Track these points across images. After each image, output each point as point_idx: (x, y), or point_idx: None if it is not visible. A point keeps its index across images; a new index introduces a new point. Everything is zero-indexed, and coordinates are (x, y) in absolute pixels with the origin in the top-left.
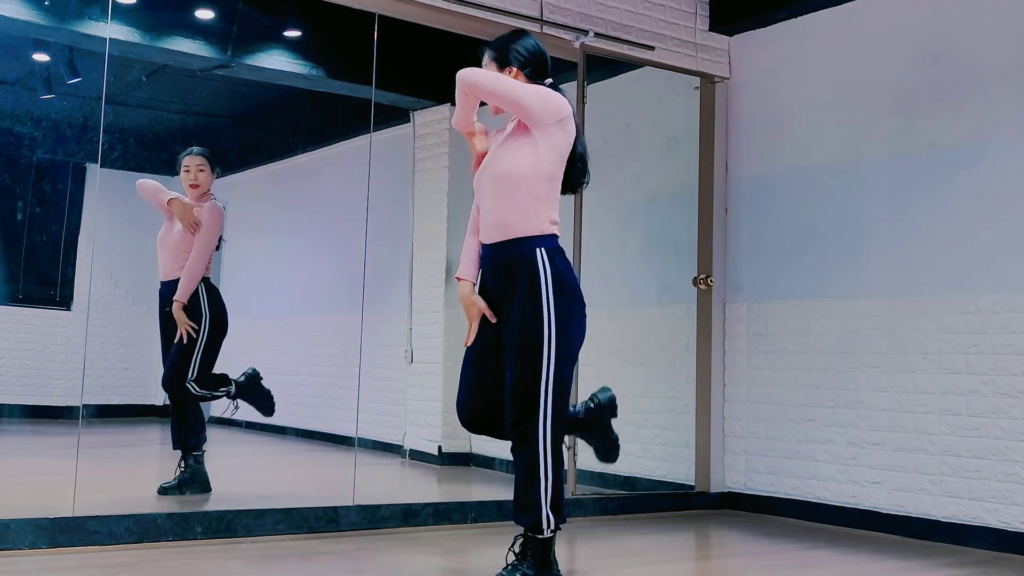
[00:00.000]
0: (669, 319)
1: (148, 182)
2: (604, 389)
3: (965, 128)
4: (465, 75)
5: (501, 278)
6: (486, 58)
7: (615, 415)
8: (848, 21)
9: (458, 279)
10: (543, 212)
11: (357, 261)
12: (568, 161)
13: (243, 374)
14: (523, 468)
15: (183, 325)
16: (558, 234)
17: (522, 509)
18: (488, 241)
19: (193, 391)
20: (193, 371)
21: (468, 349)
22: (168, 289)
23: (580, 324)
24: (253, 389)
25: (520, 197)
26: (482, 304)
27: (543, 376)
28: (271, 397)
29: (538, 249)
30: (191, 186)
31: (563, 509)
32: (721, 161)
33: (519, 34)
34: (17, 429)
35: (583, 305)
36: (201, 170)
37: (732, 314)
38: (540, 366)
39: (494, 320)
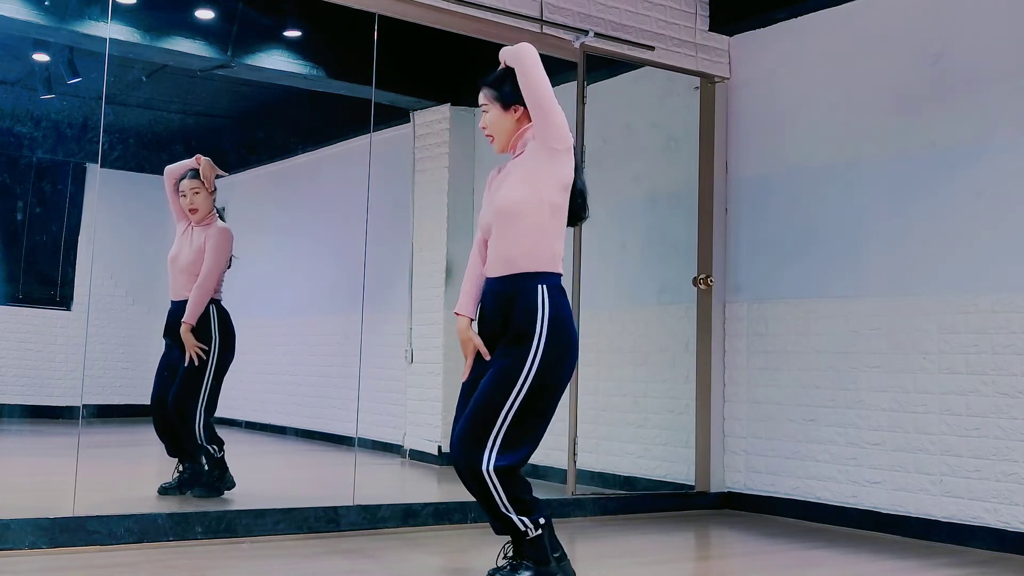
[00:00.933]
0: (669, 319)
1: (173, 165)
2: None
3: (965, 128)
4: (525, 54)
5: (500, 311)
6: (488, 96)
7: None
8: (848, 21)
9: (457, 314)
10: (547, 246)
11: (357, 261)
12: (570, 196)
13: (229, 476)
14: (472, 487)
15: (192, 348)
16: (561, 272)
17: (495, 522)
18: (492, 275)
19: (198, 434)
20: (204, 397)
21: (463, 384)
22: (179, 309)
23: (568, 365)
24: (222, 470)
25: (523, 230)
26: (478, 341)
27: (506, 407)
28: (223, 482)
29: (539, 286)
30: (191, 211)
31: (534, 509)
32: (721, 161)
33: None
34: (17, 429)
35: (575, 346)
36: (196, 192)
37: (732, 314)
38: (507, 397)
39: (488, 358)
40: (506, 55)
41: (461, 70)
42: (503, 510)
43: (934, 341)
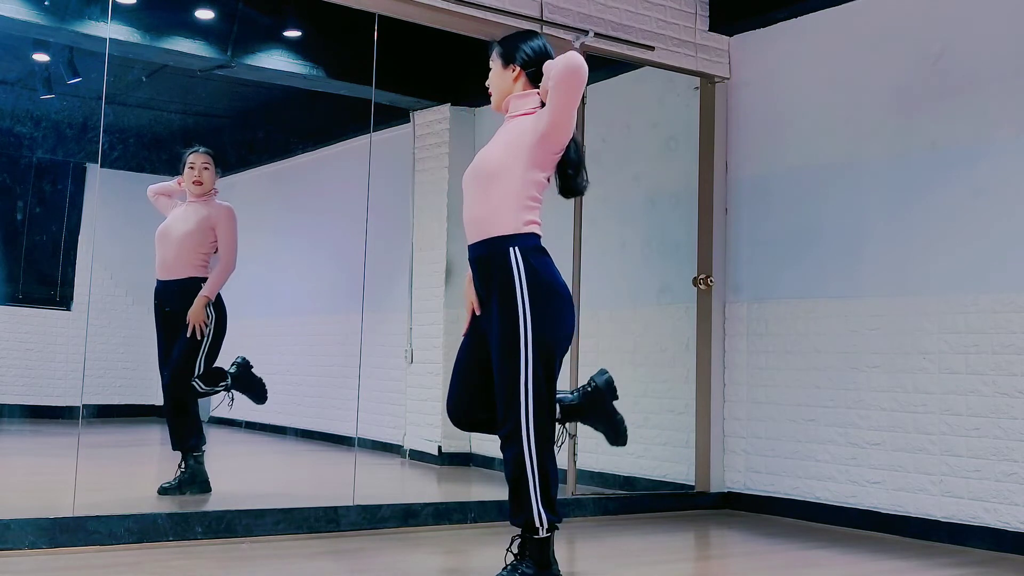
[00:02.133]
0: (669, 319)
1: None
2: (601, 372)
3: (965, 128)
4: (576, 67)
5: (483, 277)
6: (493, 54)
7: (615, 397)
8: (848, 21)
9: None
10: (520, 212)
11: (357, 261)
12: (561, 165)
13: (234, 364)
14: (512, 469)
15: (200, 322)
16: (537, 233)
17: (515, 510)
18: (469, 240)
19: (198, 388)
20: (199, 369)
21: (461, 343)
22: (168, 288)
23: (563, 321)
24: (246, 379)
25: (497, 193)
26: (472, 297)
27: (522, 377)
28: (263, 385)
29: (511, 249)
30: (195, 183)
31: (557, 507)
32: (721, 161)
33: (528, 35)
34: (17, 429)
35: (565, 301)
36: (206, 168)
37: (732, 314)
38: (519, 368)
39: (479, 313)
40: (554, 61)
41: (461, 70)
42: (532, 493)
43: (934, 341)
